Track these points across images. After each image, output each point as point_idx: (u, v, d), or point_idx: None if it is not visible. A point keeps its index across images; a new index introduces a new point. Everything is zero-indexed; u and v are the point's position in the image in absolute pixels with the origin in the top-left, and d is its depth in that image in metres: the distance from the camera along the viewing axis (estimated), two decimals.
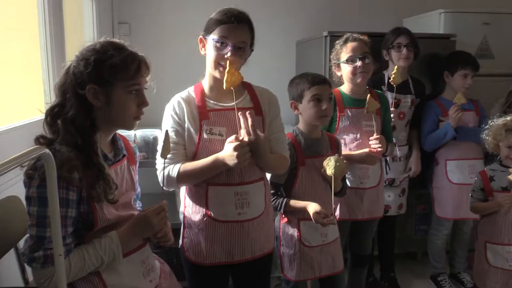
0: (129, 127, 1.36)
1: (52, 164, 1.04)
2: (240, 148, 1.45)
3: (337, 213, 2.18)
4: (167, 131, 1.45)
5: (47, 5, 2.07)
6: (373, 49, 2.62)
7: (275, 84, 1.95)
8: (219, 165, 1.51)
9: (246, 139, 1.48)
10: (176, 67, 3.21)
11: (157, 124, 1.85)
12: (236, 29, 1.54)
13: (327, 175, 1.81)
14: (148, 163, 2.14)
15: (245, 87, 1.68)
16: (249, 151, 1.48)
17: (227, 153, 1.47)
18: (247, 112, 1.50)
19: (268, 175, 1.81)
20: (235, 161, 1.45)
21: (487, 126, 2.17)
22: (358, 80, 2.14)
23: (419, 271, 3.02)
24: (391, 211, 2.67)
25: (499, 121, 2.08)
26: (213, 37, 1.54)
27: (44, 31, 2.10)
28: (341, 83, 2.27)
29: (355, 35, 2.19)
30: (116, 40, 1.32)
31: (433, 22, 3.07)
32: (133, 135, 2.48)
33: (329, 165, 1.79)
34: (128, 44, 1.32)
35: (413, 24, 3.31)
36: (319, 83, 1.83)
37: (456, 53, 2.69)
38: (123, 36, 3.26)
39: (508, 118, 2.06)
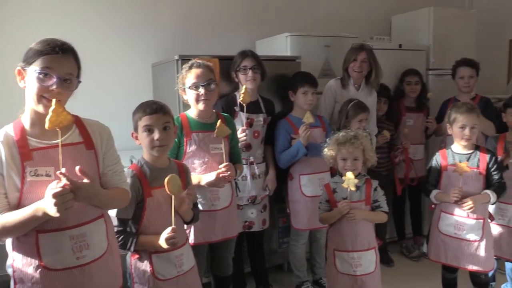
0: None
1: None
2: (59, 196, 1.32)
3: (191, 238, 2.16)
4: None
5: None
6: (226, 72, 2.71)
7: (133, 107, 1.87)
8: (40, 215, 1.37)
9: (67, 184, 1.35)
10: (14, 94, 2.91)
11: None
12: (61, 60, 1.44)
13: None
14: None
15: (73, 120, 1.56)
16: (73, 198, 1.36)
17: (47, 201, 1.34)
18: (59, 173, 1.36)
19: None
20: (55, 210, 1.32)
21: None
22: (201, 107, 2.17)
23: (286, 282, 3.14)
24: (255, 227, 2.75)
25: (334, 136, 2.27)
26: (34, 68, 1.41)
27: None
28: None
29: (199, 61, 2.21)
30: None
31: (281, 45, 3.26)
32: None
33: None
34: None
35: (265, 47, 3.51)
36: (150, 113, 1.79)
37: (297, 73, 2.88)
38: None
39: (340, 134, 2.24)
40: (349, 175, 2.12)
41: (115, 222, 1.77)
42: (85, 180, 1.42)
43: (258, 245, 2.88)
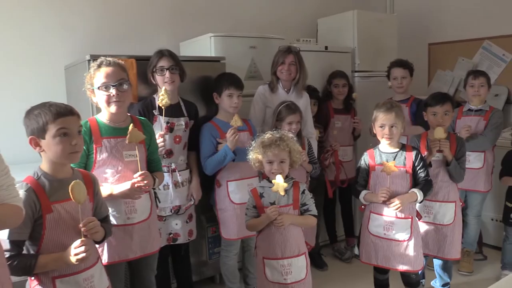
0: None
1: None
2: None
3: (105, 256, 1.94)
4: None
5: None
6: (145, 73, 2.52)
7: None
8: None
9: None
10: None
11: None
12: None
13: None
14: None
15: None
16: None
17: None
18: None
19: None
20: None
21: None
22: (113, 110, 1.96)
23: None
24: (181, 239, 2.58)
25: (259, 139, 2.15)
26: None
27: None
28: None
29: (110, 59, 2.00)
30: None
31: (205, 46, 3.11)
32: None
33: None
34: None
35: (189, 48, 3.35)
36: (65, 114, 1.57)
37: (221, 75, 2.74)
38: None
39: (266, 136, 2.13)
40: (279, 179, 2.01)
41: (7, 245, 1.52)
42: None
43: (184, 258, 2.69)
